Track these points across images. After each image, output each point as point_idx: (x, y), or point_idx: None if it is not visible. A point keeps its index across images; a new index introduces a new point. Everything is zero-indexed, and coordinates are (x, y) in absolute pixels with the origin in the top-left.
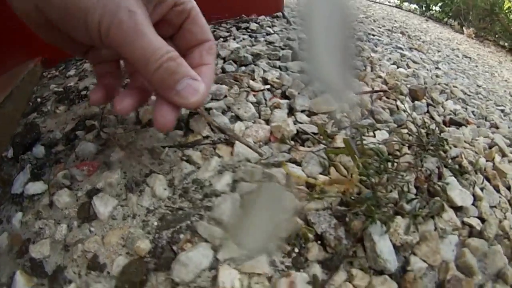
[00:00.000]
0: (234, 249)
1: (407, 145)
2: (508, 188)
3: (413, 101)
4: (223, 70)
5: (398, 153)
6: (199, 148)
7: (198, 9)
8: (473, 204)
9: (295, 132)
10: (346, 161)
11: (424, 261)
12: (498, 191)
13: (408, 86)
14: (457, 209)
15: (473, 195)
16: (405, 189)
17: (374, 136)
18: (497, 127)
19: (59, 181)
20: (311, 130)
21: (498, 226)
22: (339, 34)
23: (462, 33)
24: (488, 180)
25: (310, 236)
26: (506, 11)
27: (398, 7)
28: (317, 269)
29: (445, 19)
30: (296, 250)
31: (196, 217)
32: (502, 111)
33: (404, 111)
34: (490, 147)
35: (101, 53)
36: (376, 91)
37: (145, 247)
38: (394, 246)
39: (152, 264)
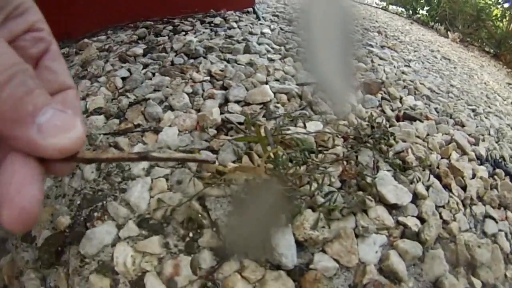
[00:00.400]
0: (134, 229)
1: (341, 137)
2: (464, 188)
3: (364, 95)
4: (172, 63)
5: (328, 145)
6: (129, 136)
7: (57, 45)
8: (413, 203)
9: (219, 121)
10: (261, 150)
11: (336, 260)
12: (450, 190)
13: (362, 80)
14: (392, 207)
15: (414, 192)
16: (325, 181)
17: (305, 127)
18: (462, 125)
19: None
20: (237, 120)
21: (443, 228)
22: (338, 35)
23: (447, 37)
24: (439, 178)
25: (205, 222)
26: (493, 18)
27: (384, 9)
28: (206, 256)
29: (431, 23)
30: (191, 234)
31: (111, 198)
32: (474, 110)
33: (349, 104)
34: (448, 144)
35: None
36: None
37: (65, 222)
38: (297, 241)
39: (69, 238)
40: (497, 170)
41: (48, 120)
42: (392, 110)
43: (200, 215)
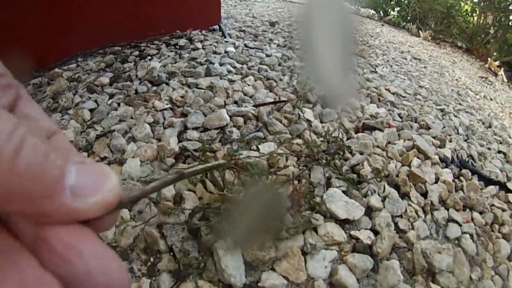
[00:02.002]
0: None
1: (294, 156)
2: (424, 195)
3: (323, 108)
4: (136, 91)
5: (280, 165)
6: None
7: (26, 89)
8: (367, 215)
9: (177, 150)
10: (216, 177)
11: (285, 277)
12: (409, 198)
13: (321, 93)
14: (345, 222)
15: (368, 205)
16: (275, 202)
17: (258, 150)
18: (428, 128)
19: None
20: (194, 147)
21: (400, 237)
22: (339, 39)
23: (419, 36)
24: (397, 187)
25: (162, 248)
26: (464, 13)
27: (356, 12)
28: (165, 278)
29: (403, 24)
30: (152, 259)
31: None
32: (442, 110)
33: (306, 120)
34: (409, 151)
35: None
36: (275, 102)
37: None
38: (246, 261)
39: None
40: (463, 171)
41: (77, 179)
42: (351, 122)
43: (155, 243)
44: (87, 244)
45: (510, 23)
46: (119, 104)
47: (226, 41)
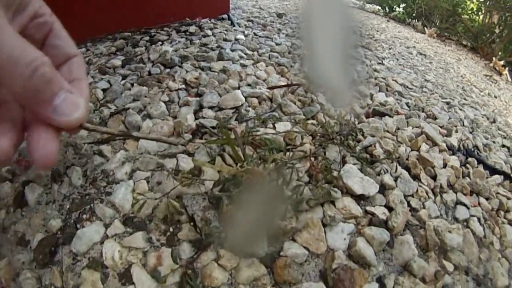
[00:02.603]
0: (120, 227)
1: (309, 135)
2: (434, 178)
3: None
4: (149, 73)
5: (297, 143)
6: (112, 144)
7: (59, 22)
8: (381, 193)
9: (194, 126)
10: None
11: (306, 248)
12: (419, 180)
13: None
14: (360, 198)
15: (382, 183)
16: (293, 176)
17: (274, 128)
18: (434, 118)
19: (2, 175)
20: (211, 124)
21: (412, 215)
22: (340, 36)
23: (424, 33)
24: (408, 169)
25: (182, 217)
26: (469, 12)
27: (361, 8)
28: (185, 247)
29: (408, 20)
30: (171, 229)
31: (97, 201)
32: (448, 103)
33: (319, 103)
34: (418, 137)
35: None
36: (288, 85)
37: (56, 225)
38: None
39: (61, 239)
40: (470, 159)
41: (61, 103)
42: (362, 108)
43: (177, 212)
44: (43, 141)
45: None
46: (132, 85)
47: (235, 30)
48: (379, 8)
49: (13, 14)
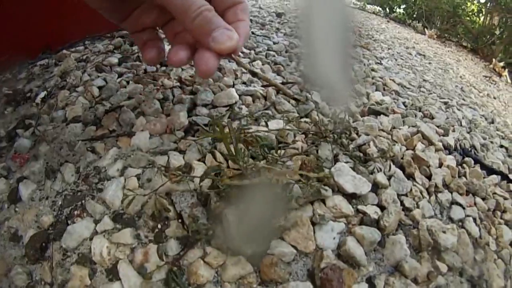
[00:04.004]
0: (109, 223)
1: (302, 133)
2: (429, 177)
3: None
4: (145, 71)
5: (289, 141)
6: (105, 141)
7: None
8: (373, 192)
9: (187, 124)
10: (224, 149)
11: (294, 246)
12: (413, 179)
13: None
14: (351, 196)
15: (374, 182)
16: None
17: (267, 126)
18: (432, 117)
19: None
20: (203, 122)
21: (405, 215)
22: (338, 36)
23: (424, 34)
24: (402, 168)
25: (170, 214)
26: (470, 13)
27: (362, 8)
28: (173, 244)
29: (409, 21)
30: (159, 226)
31: (89, 197)
32: (446, 103)
33: (313, 101)
34: (413, 136)
35: (141, 19)
36: (282, 84)
37: (48, 221)
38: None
39: (52, 235)
40: (466, 159)
41: (217, 35)
42: (357, 106)
43: (164, 209)
44: (206, 59)
45: None
46: (128, 82)
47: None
48: (380, 9)
49: None
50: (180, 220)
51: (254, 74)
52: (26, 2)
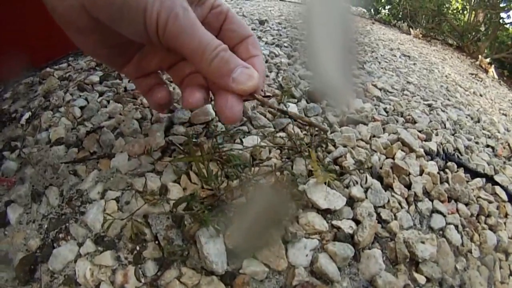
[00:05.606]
0: (91, 246)
1: (277, 149)
2: (408, 186)
3: (308, 103)
4: (125, 89)
5: (263, 157)
6: (86, 163)
7: (232, 10)
8: (349, 206)
9: (163, 144)
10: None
11: (267, 265)
12: (392, 189)
13: (307, 88)
14: (326, 211)
15: (350, 196)
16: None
17: (241, 143)
18: (414, 122)
19: None
20: (179, 141)
21: (382, 227)
22: (340, 40)
23: (410, 33)
24: (380, 178)
25: (147, 236)
26: (455, 11)
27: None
28: (150, 265)
29: (394, 22)
30: (138, 248)
31: (72, 220)
32: (429, 105)
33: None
34: (393, 144)
35: (143, 63)
36: (259, 99)
37: (35, 244)
38: (228, 249)
39: (40, 257)
40: (449, 164)
41: (237, 76)
42: (336, 116)
43: (140, 232)
44: (230, 103)
45: (500, 21)
46: (108, 102)
47: None
48: (365, 10)
49: (195, 8)
50: (156, 242)
51: (283, 112)
52: (9, 20)
